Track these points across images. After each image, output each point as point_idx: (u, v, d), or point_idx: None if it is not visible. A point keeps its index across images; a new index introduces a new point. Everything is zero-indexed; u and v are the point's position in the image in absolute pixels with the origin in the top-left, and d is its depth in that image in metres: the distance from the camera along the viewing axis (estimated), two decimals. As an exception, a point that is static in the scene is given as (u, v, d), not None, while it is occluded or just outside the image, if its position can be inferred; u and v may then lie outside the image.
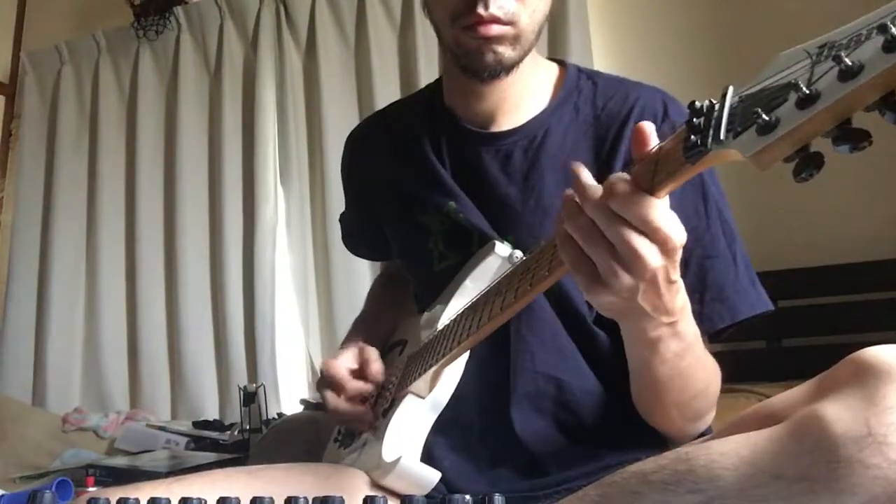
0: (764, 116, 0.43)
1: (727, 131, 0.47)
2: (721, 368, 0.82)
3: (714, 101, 0.49)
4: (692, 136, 0.51)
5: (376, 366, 0.95)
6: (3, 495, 1.52)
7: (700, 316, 0.80)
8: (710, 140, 0.49)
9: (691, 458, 0.56)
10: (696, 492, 0.54)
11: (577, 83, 0.97)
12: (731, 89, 0.49)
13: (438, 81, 1.05)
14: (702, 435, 0.83)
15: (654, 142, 0.59)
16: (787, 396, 0.60)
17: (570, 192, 0.61)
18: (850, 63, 0.38)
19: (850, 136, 0.41)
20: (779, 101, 0.43)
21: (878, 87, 0.38)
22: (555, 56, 1.18)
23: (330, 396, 0.93)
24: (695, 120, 0.51)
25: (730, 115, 0.48)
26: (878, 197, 2.05)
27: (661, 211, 0.57)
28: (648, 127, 0.59)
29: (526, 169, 0.93)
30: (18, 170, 3.17)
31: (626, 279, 0.59)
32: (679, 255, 0.60)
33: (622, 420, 0.85)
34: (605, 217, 0.57)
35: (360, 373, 0.96)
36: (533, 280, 0.70)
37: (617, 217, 0.57)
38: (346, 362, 0.96)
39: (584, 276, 0.61)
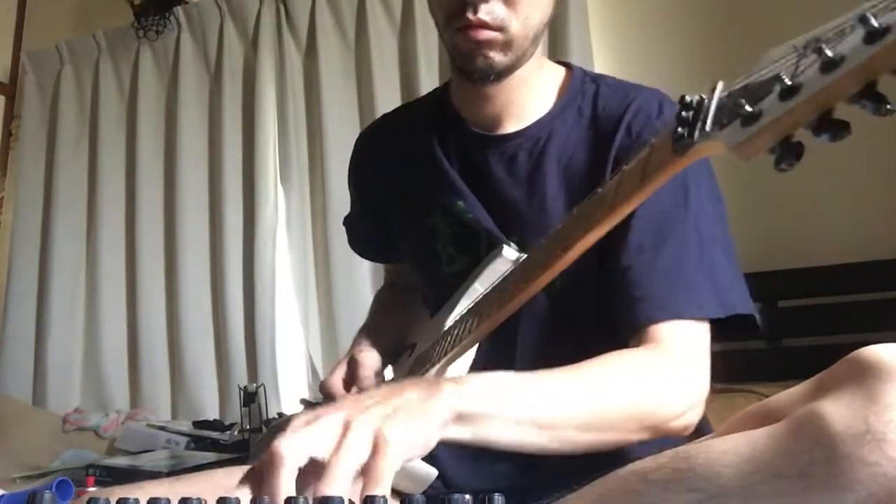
0: (747, 108, 0.44)
1: (713, 123, 0.48)
2: (721, 368, 0.81)
3: (704, 96, 0.51)
4: (679, 129, 0.52)
5: (364, 371, 0.96)
6: (3, 495, 1.52)
7: (660, 303, 0.80)
8: (696, 132, 0.50)
9: (691, 456, 0.56)
10: (696, 490, 0.54)
11: (581, 86, 0.97)
12: (720, 84, 0.50)
13: (447, 85, 1.05)
14: (701, 434, 0.83)
15: None
16: (786, 395, 0.60)
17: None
18: (831, 55, 0.39)
19: (830, 126, 0.41)
20: (763, 93, 0.44)
21: (857, 78, 0.39)
22: (555, 56, 1.18)
23: None
24: (684, 113, 0.52)
25: (717, 108, 0.49)
26: (877, 197, 2.05)
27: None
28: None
29: (530, 171, 0.93)
30: (18, 170, 3.17)
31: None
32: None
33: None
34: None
35: (352, 381, 0.96)
36: (528, 279, 0.70)
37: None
38: (338, 375, 0.97)
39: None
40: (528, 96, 0.95)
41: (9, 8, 3.41)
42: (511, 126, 0.95)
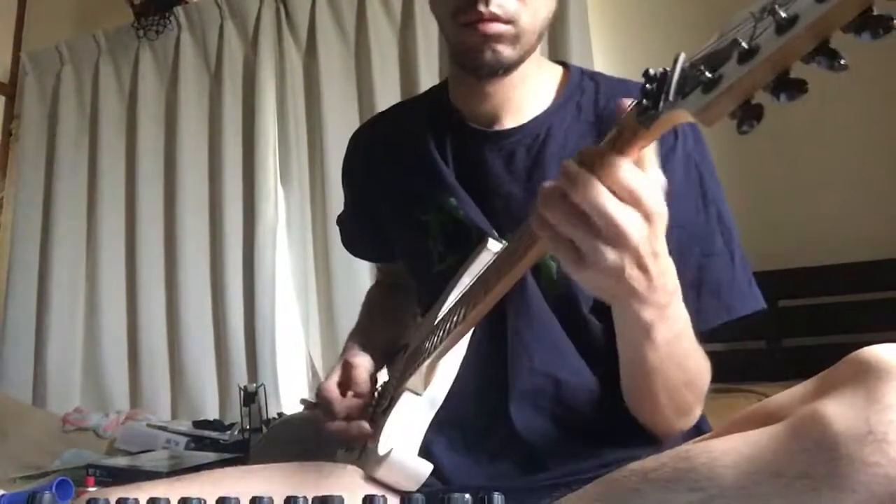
0: (707, 74, 0.45)
1: (676, 93, 0.49)
2: (721, 368, 0.82)
3: (666, 68, 0.51)
4: (644, 101, 0.52)
5: (360, 373, 0.95)
6: (3, 495, 1.52)
7: (697, 312, 0.80)
8: (660, 103, 0.50)
9: (692, 456, 0.56)
10: (697, 490, 0.54)
11: (579, 83, 0.97)
12: (682, 55, 0.50)
13: (444, 83, 1.05)
14: (700, 433, 0.83)
15: None
16: (787, 395, 0.60)
17: (547, 183, 0.60)
18: (785, 16, 0.40)
19: (788, 85, 0.43)
20: (723, 59, 0.45)
21: (811, 36, 0.40)
22: (555, 56, 1.18)
23: (325, 421, 0.93)
24: (648, 86, 0.52)
25: (680, 77, 0.49)
26: (877, 197, 2.05)
27: (636, 174, 0.56)
28: (625, 104, 0.59)
29: (529, 167, 0.93)
30: (18, 170, 3.17)
31: (610, 255, 0.57)
32: (662, 224, 0.58)
33: (621, 417, 0.85)
34: (583, 190, 0.56)
35: (348, 384, 0.96)
36: (510, 262, 0.71)
37: (594, 188, 0.55)
38: (334, 379, 0.96)
39: (568, 258, 0.59)
40: (527, 93, 0.95)
41: (9, 8, 3.41)
42: (509, 122, 0.95)
